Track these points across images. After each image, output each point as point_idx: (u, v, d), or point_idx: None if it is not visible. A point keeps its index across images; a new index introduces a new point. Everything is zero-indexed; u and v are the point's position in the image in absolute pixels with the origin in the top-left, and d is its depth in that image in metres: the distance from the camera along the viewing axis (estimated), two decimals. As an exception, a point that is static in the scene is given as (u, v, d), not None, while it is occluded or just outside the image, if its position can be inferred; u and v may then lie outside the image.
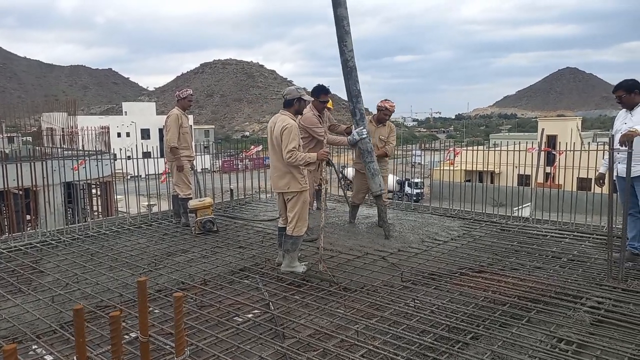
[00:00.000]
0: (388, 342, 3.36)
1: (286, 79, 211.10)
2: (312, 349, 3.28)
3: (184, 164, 6.96)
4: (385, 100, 6.70)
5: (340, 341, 3.38)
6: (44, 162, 7.33)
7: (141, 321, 1.26)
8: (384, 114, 6.64)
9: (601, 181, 5.25)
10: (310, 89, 6.93)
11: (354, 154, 6.89)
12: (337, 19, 6.17)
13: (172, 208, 7.58)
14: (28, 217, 11.24)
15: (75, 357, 1.14)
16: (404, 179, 15.51)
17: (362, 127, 6.12)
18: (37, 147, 15.10)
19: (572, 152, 7.70)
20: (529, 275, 4.70)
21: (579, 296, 4.15)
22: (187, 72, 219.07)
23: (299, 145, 4.73)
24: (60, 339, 3.51)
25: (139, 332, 3.31)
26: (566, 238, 6.21)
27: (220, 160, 14.07)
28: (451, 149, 10.04)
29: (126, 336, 3.36)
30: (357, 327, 3.58)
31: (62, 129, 18.93)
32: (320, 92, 6.00)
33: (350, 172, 7.77)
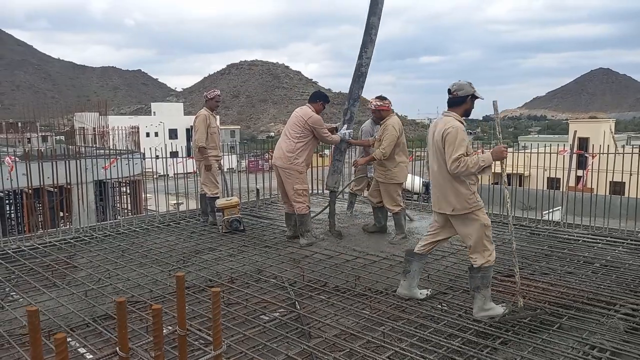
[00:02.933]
0: (415, 344, 3.34)
1: (311, 79, 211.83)
2: (338, 349, 3.29)
3: (212, 163, 7.06)
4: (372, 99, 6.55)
5: (367, 342, 3.38)
6: (78, 161, 7.55)
7: (179, 315, 1.29)
8: (372, 112, 6.51)
9: None
10: (335, 90, 6.95)
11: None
12: (367, 26, 6.50)
13: (199, 207, 7.70)
14: (61, 213, 11.60)
15: (117, 349, 1.18)
16: (430, 180, 15.36)
17: (350, 130, 6.47)
18: (70, 146, 15.57)
19: (605, 155, 7.49)
20: (560, 281, 4.60)
21: (612, 303, 4.03)
22: (214, 73, 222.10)
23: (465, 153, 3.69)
24: (93, 333, 3.61)
25: (171, 326, 3.37)
26: (599, 243, 6.04)
27: (246, 160, 14.22)
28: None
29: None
30: (383, 329, 3.57)
31: (94, 128, 19.48)
32: (325, 99, 6.28)
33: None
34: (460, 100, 3.85)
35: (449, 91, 3.86)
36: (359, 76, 6.52)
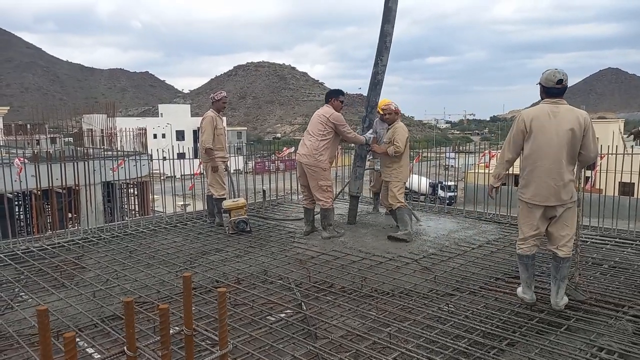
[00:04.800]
0: (421, 345, 3.34)
1: (317, 80, 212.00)
2: (344, 350, 3.29)
3: (219, 164, 7.09)
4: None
5: (373, 343, 3.38)
6: (86, 162, 7.61)
7: (186, 315, 1.30)
8: (382, 114, 6.80)
9: None
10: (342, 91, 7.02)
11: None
12: (381, 33, 6.64)
13: (206, 208, 7.73)
14: (70, 215, 11.68)
15: (125, 348, 1.19)
16: (437, 181, 15.33)
17: (373, 135, 6.81)
18: (78, 148, 15.69)
19: (614, 155, 7.44)
20: (569, 282, 4.56)
21: (620, 304, 4.00)
22: (221, 74, 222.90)
23: None
24: (101, 333, 3.64)
25: (178, 327, 3.39)
26: (607, 244, 6.00)
27: (252, 162, 14.25)
28: (486, 151, 9.85)
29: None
30: (390, 330, 3.57)
31: (102, 130, 19.60)
32: (337, 94, 6.53)
33: None
34: (566, 89, 3.89)
35: (561, 81, 3.82)
36: (375, 84, 6.77)
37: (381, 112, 7.09)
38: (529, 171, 3.92)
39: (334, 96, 6.45)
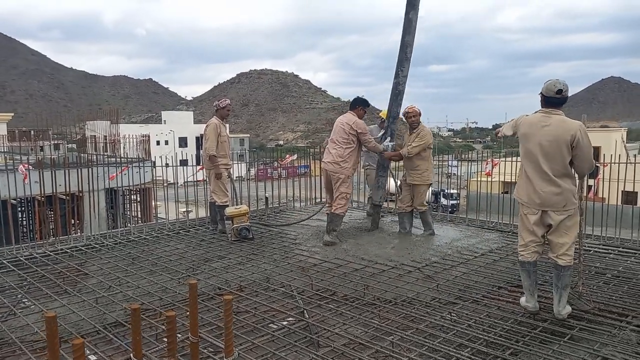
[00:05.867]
0: (424, 354, 3.33)
1: (320, 88, 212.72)
2: (346, 359, 3.28)
3: (222, 171, 7.11)
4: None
5: (375, 352, 3.37)
6: (90, 169, 7.64)
7: (192, 322, 1.31)
8: (407, 117, 6.82)
9: None
10: (345, 99, 7.12)
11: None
12: (402, 44, 6.73)
13: (209, 215, 7.74)
14: (73, 221, 11.71)
15: (131, 355, 1.20)
16: (439, 189, 15.31)
17: (393, 142, 6.83)
18: (82, 154, 15.75)
19: (617, 164, 7.43)
20: (572, 291, 4.55)
21: (624, 314, 3.99)
22: (224, 82, 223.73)
23: None
24: (103, 340, 3.64)
25: (180, 334, 3.38)
26: (610, 254, 5.98)
27: (255, 169, 14.28)
28: (489, 159, 9.86)
29: (165, 339, 3.45)
30: (392, 339, 3.56)
31: (105, 136, 19.69)
32: (364, 104, 6.71)
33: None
34: (565, 100, 3.92)
35: (560, 91, 3.84)
36: (397, 95, 6.88)
37: (404, 119, 7.15)
38: (521, 174, 4.09)
39: (360, 105, 6.64)
